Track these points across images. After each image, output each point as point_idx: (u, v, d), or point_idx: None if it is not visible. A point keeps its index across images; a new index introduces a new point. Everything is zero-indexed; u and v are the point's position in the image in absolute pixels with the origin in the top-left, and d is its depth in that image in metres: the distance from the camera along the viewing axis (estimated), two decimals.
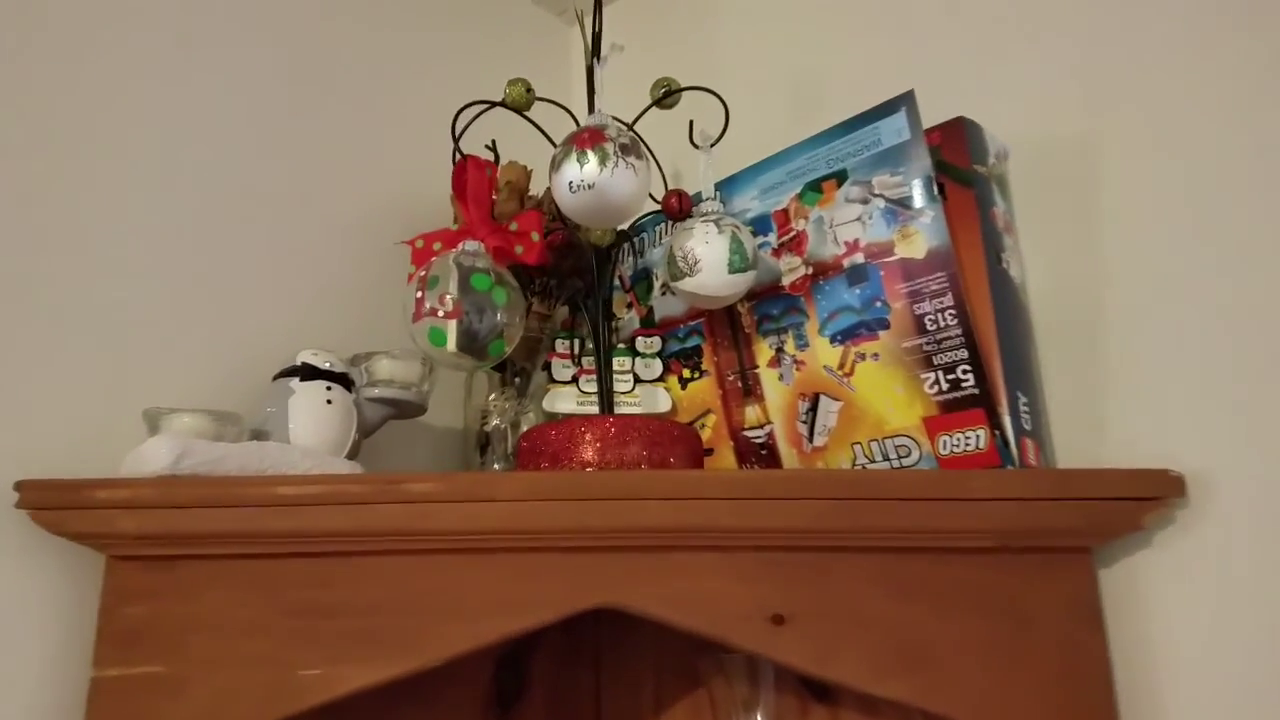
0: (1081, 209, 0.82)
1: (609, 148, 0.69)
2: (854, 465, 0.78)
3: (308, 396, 0.75)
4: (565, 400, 0.88)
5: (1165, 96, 0.79)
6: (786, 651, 0.67)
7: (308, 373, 0.76)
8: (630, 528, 0.65)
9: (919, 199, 0.75)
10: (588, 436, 0.71)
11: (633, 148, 0.71)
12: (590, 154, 0.69)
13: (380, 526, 0.64)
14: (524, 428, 0.92)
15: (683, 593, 0.67)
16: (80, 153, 0.77)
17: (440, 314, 0.69)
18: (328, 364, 0.77)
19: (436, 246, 0.77)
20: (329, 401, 0.75)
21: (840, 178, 0.80)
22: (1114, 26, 0.83)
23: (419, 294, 0.70)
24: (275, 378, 0.77)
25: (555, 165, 0.70)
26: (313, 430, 0.74)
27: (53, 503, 0.62)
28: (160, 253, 0.81)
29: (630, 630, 0.95)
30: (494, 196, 0.93)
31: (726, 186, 0.89)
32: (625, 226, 0.86)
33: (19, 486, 0.63)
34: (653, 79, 0.83)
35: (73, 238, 0.75)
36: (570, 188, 0.70)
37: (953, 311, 0.73)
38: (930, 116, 0.80)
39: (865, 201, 0.78)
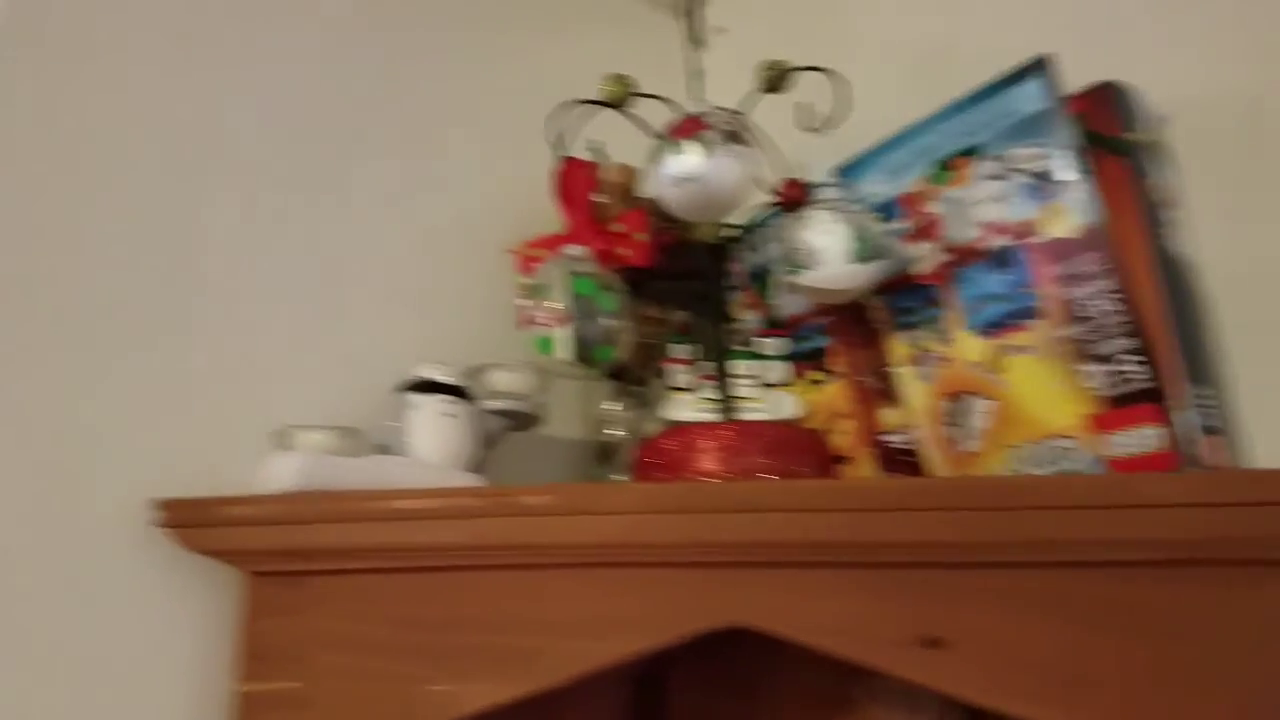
0: (1258, 174, 0.73)
1: (709, 135, 0.65)
2: (1010, 470, 0.71)
3: (427, 410, 0.74)
4: (684, 408, 0.84)
5: None
6: (940, 678, 0.60)
7: (427, 386, 0.76)
8: (755, 542, 0.61)
9: (1064, 171, 0.68)
10: (705, 445, 0.67)
11: (736, 134, 0.66)
12: (690, 143, 0.65)
13: (495, 540, 0.62)
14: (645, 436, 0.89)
15: (822, 613, 0.62)
16: (200, 181, 0.79)
17: (545, 322, 0.67)
18: (446, 377, 0.77)
19: (542, 253, 0.75)
20: (448, 415, 0.74)
21: (973, 153, 0.74)
22: None
23: (523, 303, 0.68)
24: (397, 392, 0.77)
25: (653, 158, 0.67)
26: (433, 444, 0.73)
27: (189, 520, 0.64)
28: (284, 273, 0.83)
29: (778, 652, 0.90)
30: (599, 198, 0.91)
31: (849, 172, 0.83)
32: (735, 220, 0.82)
33: (159, 505, 0.65)
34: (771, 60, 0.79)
35: (200, 263, 0.78)
36: (670, 181, 0.66)
37: (1113, 295, 0.65)
38: (1073, 82, 0.73)
39: (1004, 178, 0.72)
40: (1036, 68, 0.71)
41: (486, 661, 0.62)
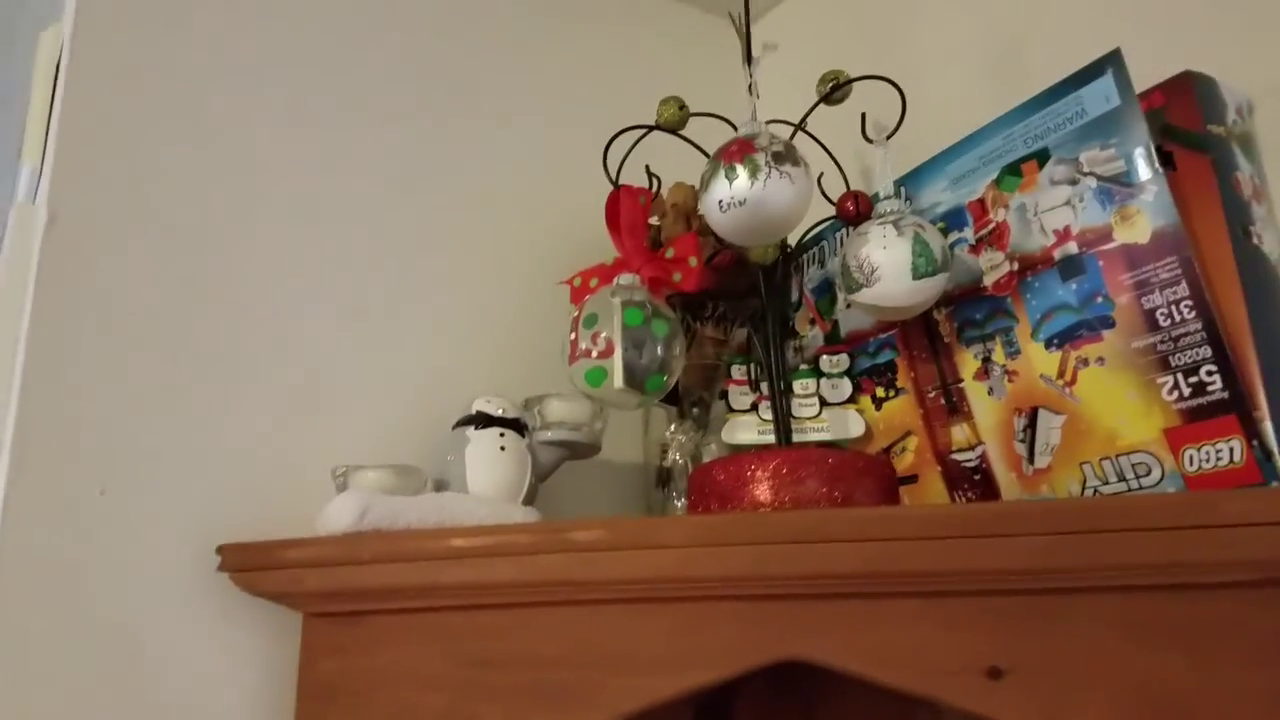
0: None
1: (760, 158, 0.64)
2: (1084, 487, 0.67)
3: (482, 444, 0.75)
4: (745, 430, 0.83)
5: None
6: (1008, 710, 0.57)
7: (482, 420, 0.76)
8: (812, 574, 0.59)
9: (1138, 173, 0.64)
10: (758, 474, 0.65)
11: (787, 154, 0.65)
12: (739, 167, 0.64)
13: (548, 576, 0.62)
14: (705, 460, 0.88)
15: (881, 644, 0.60)
16: (256, 226, 0.82)
17: (594, 354, 0.66)
18: (501, 410, 0.77)
19: (593, 283, 0.75)
20: (503, 448, 0.75)
21: (1042, 157, 0.70)
22: None
23: (573, 335, 0.68)
24: (454, 427, 0.78)
25: (704, 184, 0.66)
26: (488, 478, 0.73)
27: (249, 564, 0.65)
28: (341, 312, 0.84)
29: (840, 679, 0.88)
30: (659, 221, 0.90)
31: (912, 180, 0.80)
32: (792, 240, 0.80)
33: (220, 550, 0.67)
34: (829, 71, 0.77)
35: (257, 305, 0.80)
36: (721, 206, 0.65)
37: (1189, 303, 0.61)
38: (1154, 73, 0.68)
39: (1074, 182, 0.68)
40: (1107, 64, 0.67)
41: (543, 698, 0.62)
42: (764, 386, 0.80)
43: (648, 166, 0.79)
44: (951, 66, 1.01)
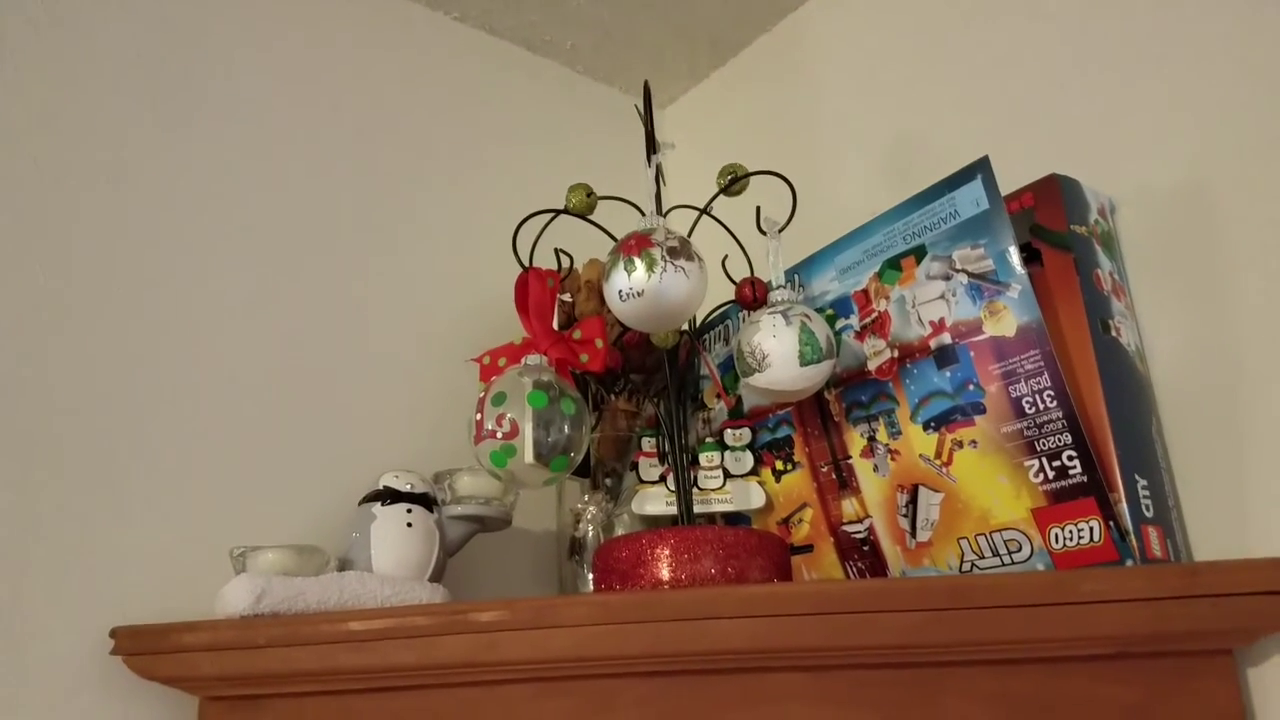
0: (1206, 263, 0.74)
1: (656, 253, 0.67)
2: (962, 561, 0.71)
3: (389, 521, 0.75)
4: (653, 501, 0.85)
5: None
6: None
7: (389, 496, 0.77)
8: (707, 651, 0.61)
9: (1003, 272, 0.70)
10: (656, 553, 0.68)
11: (682, 250, 0.68)
12: (637, 261, 0.67)
13: (449, 659, 0.62)
14: (618, 531, 0.90)
15: (775, 718, 0.62)
16: (150, 306, 0.81)
17: (499, 435, 0.68)
18: (408, 485, 0.78)
19: (502, 362, 0.77)
20: (409, 525, 0.75)
21: (919, 254, 0.75)
22: (1222, 56, 0.75)
23: (479, 415, 0.69)
24: (360, 503, 0.78)
25: (606, 274, 0.69)
26: (394, 555, 0.74)
27: (143, 648, 0.65)
28: (239, 390, 0.84)
29: None
30: (572, 298, 0.93)
31: (805, 269, 0.85)
32: (701, 315, 0.84)
33: (113, 633, 0.66)
34: (739, 160, 0.81)
35: (154, 386, 0.79)
36: (621, 296, 0.68)
37: (1051, 393, 0.66)
38: (1030, 173, 0.75)
39: (947, 278, 0.73)
40: (977, 170, 0.72)
41: None
42: (671, 459, 0.83)
43: (557, 249, 0.82)
44: (843, 159, 1.07)
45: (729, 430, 0.88)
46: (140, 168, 0.83)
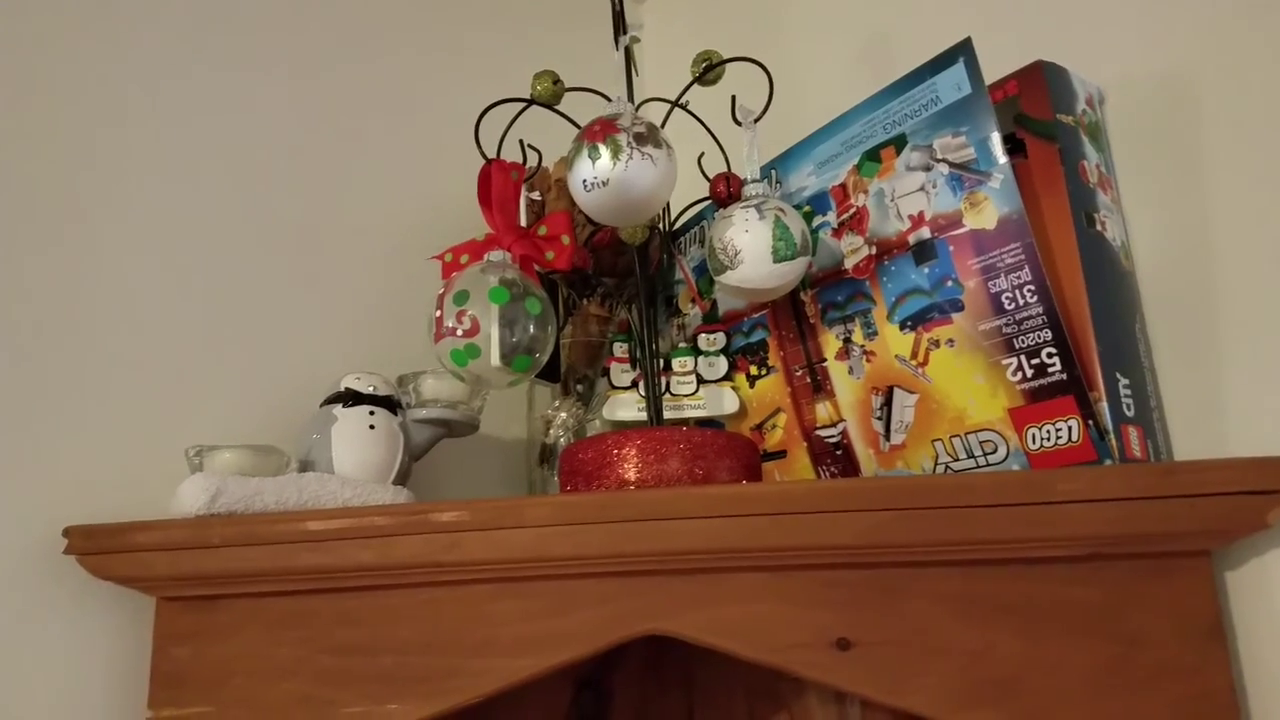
0: (1196, 155, 0.70)
1: (622, 139, 0.64)
2: (936, 464, 0.70)
3: (350, 423, 0.73)
4: (625, 407, 0.84)
5: None
6: (854, 680, 0.60)
7: (351, 398, 0.75)
8: (668, 550, 0.60)
9: (986, 160, 0.66)
10: (622, 454, 0.66)
11: (650, 136, 0.65)
12: (602, 148, 0.64)
13: (408, 559, 0.61)
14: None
15: (734, 618, 0.61)
16: (106, 194, 0.77)
17: (460, 332, 0.66)
18: (371, 388, 0.76)
19: (465, 259, 0.74)
20: (372, 427, 0.74)
21: (899, 144, 0.72)
22: None
23: (438, 312, 0.67)
24: (321, 405, 0.76)
25: (569, 162, 0.66)
26: (356, 457, 0.72)
27: (96, 547, 0.63)
28: (198, 289, 0.81)
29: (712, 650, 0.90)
30: (542, 196, 0.89)
31: (782, 164, 0.82)
32: (674, 217, 0.80)
33: (66, 532, 0.64)
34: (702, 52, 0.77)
35: (109, 281, 0.76)
36: (585, 186, 0.65)
37: (1031, 287, 0.63)
38: (1012, 61, 0.71)
39: (928, 168, 0.70)
40: (959, 53, 0.68)
41: (402, 682, 0.62)
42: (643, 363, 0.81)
43: (522, 141, 0.78)
44: (824, 49, 1.02)
45: (703, 335, 0.85)
46: (89, 77, 0.78)
